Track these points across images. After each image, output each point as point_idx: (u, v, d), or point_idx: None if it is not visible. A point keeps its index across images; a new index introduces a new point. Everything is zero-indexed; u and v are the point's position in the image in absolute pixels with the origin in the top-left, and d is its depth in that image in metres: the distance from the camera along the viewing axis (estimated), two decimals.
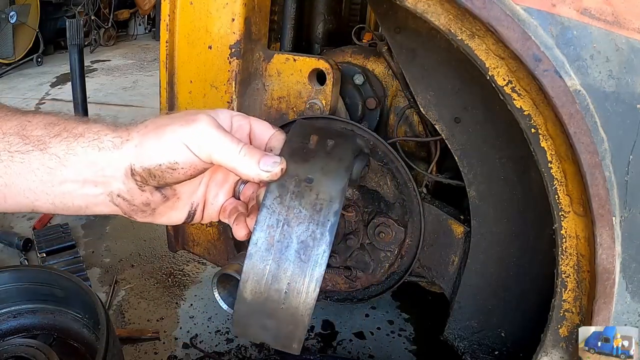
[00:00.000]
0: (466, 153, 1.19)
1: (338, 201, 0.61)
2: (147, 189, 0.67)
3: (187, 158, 0.63)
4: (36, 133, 0.66)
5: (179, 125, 0.63)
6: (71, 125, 0.66)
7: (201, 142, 0.63)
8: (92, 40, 6.75)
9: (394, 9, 1.16)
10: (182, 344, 1.76)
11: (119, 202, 0.68)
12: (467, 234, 1.26)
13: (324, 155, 0.66)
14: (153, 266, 2.21)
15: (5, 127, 0.66)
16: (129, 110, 4.46)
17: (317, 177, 0.63)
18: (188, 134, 0.63)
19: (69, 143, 0.65)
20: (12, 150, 0.65)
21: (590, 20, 0.76)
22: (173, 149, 0.63)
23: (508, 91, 0.84)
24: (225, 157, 0.63)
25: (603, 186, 0.78)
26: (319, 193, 0.62)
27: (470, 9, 0.78)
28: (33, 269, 1.28)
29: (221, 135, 0.63)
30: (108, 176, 0.66)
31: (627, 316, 0.85)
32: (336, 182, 0.63)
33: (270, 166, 0.62)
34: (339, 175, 0.63)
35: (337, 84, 1.31)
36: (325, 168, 0.64)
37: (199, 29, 1.28)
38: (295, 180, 0.63)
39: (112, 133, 0.66)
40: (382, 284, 1.41)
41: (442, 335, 1.33)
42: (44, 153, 0.65)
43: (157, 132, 0.64)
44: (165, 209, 0.71)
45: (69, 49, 2.43)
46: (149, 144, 0.64)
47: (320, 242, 0.60)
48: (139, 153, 0.64)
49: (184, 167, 0.64)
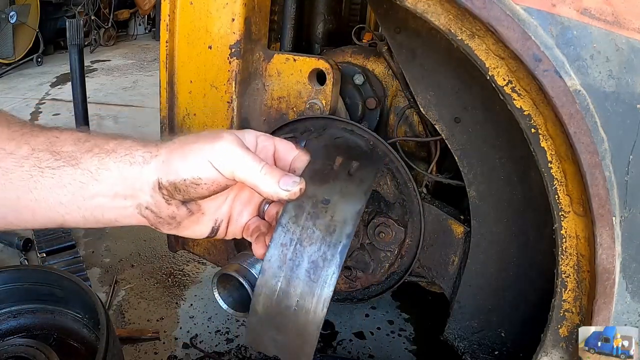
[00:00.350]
0: (466, 153, 1.19)
1: (352, 224, 0.63)
2: (173, 202, 0.69)
3: (210, 174, 0.66)
4: (67, 149, 0.69)
5: (203, 143, 0.66)
6: (102, 142, 0.70)
7: (224, 159, 0.65)
8: (92, 40, 6.75)
9: (394, 9, 1.16)
10: (182, 344, 1.76)
11: (147, 214, 0.70)
12: (467, 234, 1.26)
13: (344, 177, 0.68)
14: (153, 266, 2.21)
15: (34, 143, 0.69)
16: (129, 110, 4.46)
17: (335, 199, 0.65)
18: (212, 151, 0.65)
19: (100, 158, 0.68)
20: (43, 165, 0.68)
21: (590, 20, 0.76)
22: (197, 165, 0.66)
23: (508, 91, 0.84)
24: (247, 174, 0.65)
25: (603, 186, 0.78)
26: (334, 215, 0.64)
27: (470, 9, 0.78)
28: (33, 269, 1.28)
29: (244, 153, 0.66)
30: (137, 189, 0.68)
31: (627, 316, 0.85)
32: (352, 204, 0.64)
33: (289, 185, 0.64)
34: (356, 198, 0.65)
35: (337, 84, 1.31)
36: (343, 190, 0.66)
37: (199, 29, 1.28)
38: (312, 201, 0.65)
39: (143, 148, 0.69)
40: (382, 284, 1.41)
41: (442, 335, 1.33)
42: (75, 168, 0.68)
43: (183, 149, 0.67)
44: (190, 222, 0.74)
45: (69, 49, 2.43)
46: (175, 159, 0.67)
47: (331, 263, 0.62)
48: (165, 168, 0.67)
49: (207, 183, 0.66)
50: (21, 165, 0.68)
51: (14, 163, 0.68)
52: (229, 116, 1.33)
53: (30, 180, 0.68)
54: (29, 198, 0.68)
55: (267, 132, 1.35)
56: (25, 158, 0.68)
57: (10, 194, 0.68)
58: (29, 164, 0.68)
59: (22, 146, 0.68)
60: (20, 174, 0.67)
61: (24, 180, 0.68)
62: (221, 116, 1.34)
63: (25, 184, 0.68)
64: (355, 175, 0.68)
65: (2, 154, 0.68)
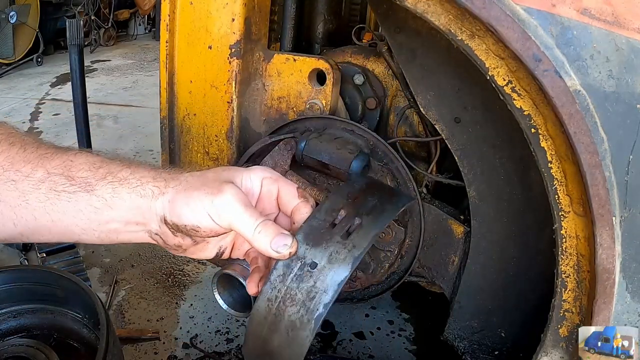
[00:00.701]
0: (466, 153, 1.19)
1: (331, 294, 0.65)
2: (178, 235, 0.73)
3: (208, 224, 0.69)
4: (81, 175, 0.72)
5: (204, 194, 0.69)
6: (115, 169, 0.73)
7: (222, 212, 0.68)
8: (92, 40, 6.76)
9: (394, 9, 1.16)
10: (182, 344, 1.76)
11: (156, 239, 0.75)
12: (467, 234, 1.26)
13: (339, 239, 0.68)
14: (153, 266, 2.21)
15: (50, 167, 0.73)
16: (129, 110, 4.46)
17: (322, 264, 0.66)
18: (212, 204, 0.68)
19: (114, 187, 0.72)
20: (59, 189, 0.72)
21: (590, 20, 0.76)
22: (197, 215, 0.69)
23: (508, 91, 0.84)
24: (243, 230, 0.68)
25: (603, 186, 0.78)
26: (316, 281, 0.66)
27: (470, 9, 0.78)
28: (33, 269, 1.28)
29: (241, 209, 0.68)
30: (147, 218, 0.72)
31: (627, 316, 0.85)
32: (337, 274, 0.66)
33: (280, 248, 0.67)
34: (342, 267, 0.66)
35: (337, 84, 1.31)
36: (333, 256, 0.67)
37: (199, 29, 1.28)
38: (300, 263, 0.67)
39: (153, 181, 0.72)
40: (382, 284, 1.41)
41: (442, 335, 1.33)
42: (90, 195, 0.72)
43: (186, 194, 0.70)
44: (196, 250, 0.77)
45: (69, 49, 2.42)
46: (178, 204, 0.70)
47: (306, 327, 0.65)
48: (170, 209, 0.70)
49: (205, 231, 0.70)
50: (38, 187, 0.71)
51: (31, 185, 0.71)
52: (229, 116, 1.33)
53: (47, 202, 0.71)
54: (46, 219, 0.72)
55: (267, 132, 1.36)
56: (42, 181, 0.72)
57: (28, 214, 0.72)
58: (45, 187, 0.71)
59: (38, 169, 0.72)
60: (37, 195, 0.71)
61: (41, 202, 0.71)
62: (221, 116, 1.34)
63: (42, 206, 0.72)
64: (351, 237, 0.68)
65: (19, 176, 0.72)
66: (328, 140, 1.23)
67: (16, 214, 0.72)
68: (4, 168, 0.72)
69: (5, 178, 0.71)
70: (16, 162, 0.72)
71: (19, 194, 0.71)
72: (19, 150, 0.74)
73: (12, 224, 0.73)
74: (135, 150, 3.51)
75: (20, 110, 4.32)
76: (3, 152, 0.73)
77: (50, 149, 0.75)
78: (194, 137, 1.40)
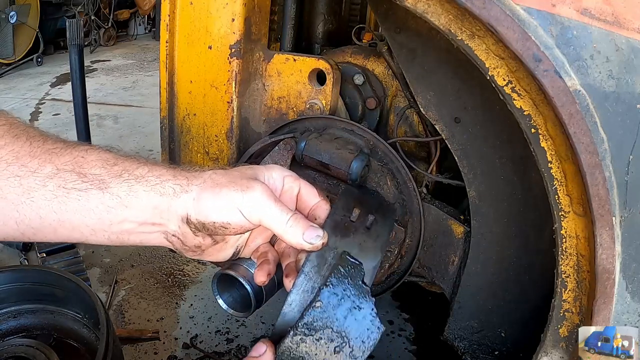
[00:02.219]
0: (466, 153, 1.19)
1: (369, 278, 0.68)
2: (199, 234, 0.71)
3: (238, 220, 0.68)
4: (94, 172, 0.68)
5: (234, 191, 0.68)
6: (131, 167, 0.70)
7: (253, 209, 0.68)
8: (92, 40, 6.76)
9: (394, 9, 1.16)
10: (182, 344, 1.76)
11: (173, 240, 0.72)
12: (467, 234, 1.26)
13: (363, 231, 0.73)
14: (153, 266, 2.21)
15: (59, 163, 0.67)
16: (129, 110, 4.46)
17: (354, 252, 0.69)
18: (243, 200, 0.68)
19: (130, 185, 0.68)
20: (69, 187, 0.67)
21: (590, 20, 0.76)
22: (227, 212, 0.68)
23: (508, 91, 0.84)
24: (274, 225, 0.68)
25: (603, 186, 0.78)
26: None
27: (470, 9, 0.78)
28: (33, 269, 1.28)
29: (272, 204, 0.68)
30: (165, 219, 0.70)
31: (627, 316, 0.85)
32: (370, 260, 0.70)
33: (313, 239, 0.67)
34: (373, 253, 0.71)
35: (337, 84, 1.31)
36: (362, 245, 0.71)
37: (199, 29, 1.28)
38: (333, 253, 0.69)
39: (173, 179, 0.70)
40: (382, 284, 1.41)
41: (442, 335, 1.33)
42: (104, 192, 0.67)
43: (214, 191, 0.69)
44: (214, 251, 0.76)
45: (69, 49, 2.43)
46: (206, 201, 0.68)
47: None
48: (196, 207, 0.68)
49: (235, 227, 0.69)
50: (44, 184, 0.66)
51: (37, 182, 0.66)
52: (229, 116, 1.33)
53: (54, 200, 0.66)
54: (52, 218, 0.67)
55: (267, 132, 1.36)
56: (50, 178, 0.66)
57: (32, 213, 0.67)
58: (53, 184, 0.66)
59: (46, 165, 0.67)
60: (43, 193, 0.66)
61: (48, 200, 0.66)
62: (221, 116, 1.34)
63: (48, 204, 0.66)
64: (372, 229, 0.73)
65: (24, 172, 0.66)
66: (328, 140, 1.23)
67: (19, 212, 0.66)
68: (7, 162, 0.66)
69: (9, 173, 0.65)
70: (21, 156, 0.66)
71: (23, 191, 0.66)
72: (24, 143, 0.68)
73: (14, 222, 0.67)
74: (135, 150, 3.51)
75: (20, 110, 4.32)
76: (7, 145, 0.67)
77: (58, 143, 0.70)
78: (194, 137, 1.40)
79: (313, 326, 0.63)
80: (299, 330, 0.63)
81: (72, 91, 2.49)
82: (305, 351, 0.63)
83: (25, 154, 0.67)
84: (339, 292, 0.65)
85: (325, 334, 0.63)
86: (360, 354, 0.64)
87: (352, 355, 0.64)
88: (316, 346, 0.63)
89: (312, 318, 0.63)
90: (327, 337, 0.63)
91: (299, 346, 0.63)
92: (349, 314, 0.65)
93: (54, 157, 0.68)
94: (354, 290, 0.66)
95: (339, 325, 0.64)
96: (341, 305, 0.64)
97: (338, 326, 0.64)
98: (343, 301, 0.65)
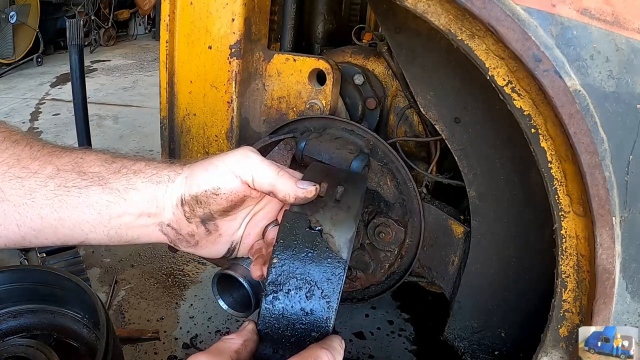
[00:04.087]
0: (466, 153, 1.19)
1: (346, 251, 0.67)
2: (193, 221, 0.72)
3: (228, 183, 0.69)
4: (93, 170, 0.70)
5: (224, 155, 0.71)
6: (129, 163, 0.72)
7: (243, 165, 0.69)
8: (92, 40, 6.76)
9: (394, 9, 1.16)
10: (182, 344, 1.76)
11: (168, 231, 0.74)
12: (467, 234, 1.26)
13: (333, 204, 0.70)
14: (153, 266, 2.21)
15: (59, 163, 0.70)
16: (129, 110, 4.46)
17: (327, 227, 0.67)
18: (232, 159, 0.70)
19: (128, 179, 0.70)
20: (69, 185, 0.69)
21: (590, 20, 0.76)
22: (217, 175, 0.70)
23: (508, 91, 0.84)
24: (266, 178, 0.69)
25: (603, 186, 0.78)
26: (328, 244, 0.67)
27: (470, 9, 0.78)
28: (33, 269, 1.28)
29: (260, 160, 0.71)
30: (161, 207, 0.71)
31: (627, 316, 0.85)
32: (344, 232, 0.68)
33: (306, 184, 0.69)
34: (347, 225, 0.68)
35: (337, 84, 1.31)
36: (334, 218, 0.69)
37: (199, 29, 1.28)
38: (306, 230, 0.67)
39: (168, 168, 0.72)
40: (382, 284, 1.41)
41: (442, 335, 1.33)
42: (103, 188, 0.70)
43: (204, 163, 0.71)
44: (208, 243, 0.77)
45: (69, 49, 2.42)
46: (197, 173, 0.70)
47: None
48: (188, 183, 0.70)
49: (226, 192, 0.70)
50: (45, 184, 0.68)
51: (38, 182, 0.68)
52: (229, 116, 1.33)
53: (55, 199, 0.68)
54: (53, 217, 0.69)
55: (267, 132, 1.36)
56: (51, 178, 0.68)
57: (33, 213, 0.68)
58: (54, 184, 0.68)
59: (47, 166, 0.69)
60: (44, 192, 0.68)
61: (49, 200, 0.68)
62: (221, 116, 1.34)
63: (49, 203, 0.68)
64: (342, 201, 0.71)
65: (25, 173, 0.68)
66: (328, 140, 1.23)
67: (20, 214, 0.68)
68: (9, 165, 0.68)
69: (11, 175, 0.67)
70: (22, 158, 0.69)
71: (25, 192, 0.67)
72: (25, 147, 0.70)
73: (15, 225, 0.69)
74: (135, 150, 3.51)
75: (20, 110, 4.32)
76: (7, 149, 0.69)
77: (57, 147, 0.73)
78: (194, 137, 1.40)
79: (278, 281, 0.64)
80: (268, 290, 0.64)
81: (72, 91, 2.49)
82: (282, 307, 0.64)
83: (26, 157, 0.69)
84: (290, 244, 0.65)
85: (292, 284, 0.64)
86: (331, 292, 0.64)
87: (324, 295, 0.64)
88: (288, 298, 0.64)
89: (274, 275, 0.64)
90: (294, 286, 0.64)
91: (274, 305, 0.64)
92: (306, 259, 0.65)
93: (54, 159, 0.70)
94: (304, 238, 0.66)
95: (300, 273, 0.64)
96: (296, 254, 0.65)
97: (300, 273, 0.64)
98: (297, 251, 0.65)
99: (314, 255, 0.65)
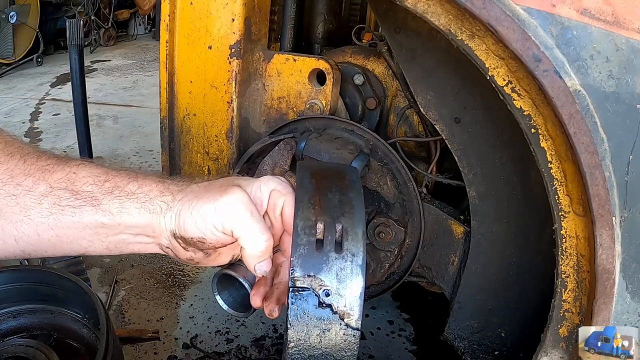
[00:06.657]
0: (466, 153, 1.19)
1: (357, 310, 0.64)
2: (190, 249, 0.71)
3: (213, 234, 0.68)
4: (86, 189, 0.70)
5: (207, 202, 0.68)
6: (122, 182, 0.71)
7: (226, 218, 0.67)
8: (92, 40, 6.76)
9: (394, 9, 1.16)
10: (182, 344, 1.76)
11: (167, 252, 0.73)
12: (467, 234, 1.26)
13: (335, 254, 0.65)
14: (153, 266, 2.21)
15: (52, 180, 0.69)
16: (129, 110, 4.46)
17: (334, 287, 0.64)
18: (215, 210, 0.67)
19: (121, 202, 0.69)
20: (63, 204, 0.68)
21: (590, 21, 0.76)
22: (200, 226, 0.67)
23: (508, 91, 0.84)
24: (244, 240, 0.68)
25: (603, 186, 0.78)
26: (338, 306, 0.64)
27: (470, 9, 0.78)
28: (33, 269, 1.28)
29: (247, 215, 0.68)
30: (157, 233, 0.71)
31: (627, 316, 0.85)
32: (353, 288, 0.64)
33: (264, 267, 0.70)
34: (355, 280, 0.64)
35: (337, 84, 1.31)
36: (339, 274, 0.64)
37: (199, 29, 1.28)
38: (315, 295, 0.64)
39: (160, 196, 0.70)
40: (382, 284, 1.41)
41: (442, 335, 1.33)
42: (96, 209, 0.69)
43: (190, 205, 0.69)
44: (209, 261, 0.76)
45: (69, 49, 2.42)
46: (184, 217, 0.69)
47: None
48: (177, 223, 0.69)
49: (211, 241, 0.69)
50: (40, 202, 0.68)
51: (32, 200, 0.68)
52: (229, 116, 1.33)
53: (50, 217, 0.68)
54: (50, 234, 0.69)
55: (267, 132, 1.36)
56: (44, 196, 0.68)
57: (30, 230, 0.69)
58: (48, 202, 0.68)
59: (40, 183, 0.68)
60: (39, 210, 0.68)
61: (44, 217, 0.68)
62: (221, 116, 1.34)
63: (45, 221, 0.68)
64: (345, 247, 0.65)
65: (19, 191, 0.68)
66: (328, 140, 1.23)
67: (17, 230, 0.68)
68: (3, 181, 0.68)
69: (5, 192, 0.67)
70: (16, 174, 0.68)
71: (20, 209, 0.67)
72: (19, 161, 0.69)
73: (14, 240, 0.69)
74: (135, 150, 3.51)
75: (20, 110, 4.32)
76: (1, 164, 0.69)
77: (51, 160, 0.72)
78: (194, 137, 1.40)
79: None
80: None
81: (72, 91, 2.49)
82: None
83: (19, 173, 0.69)
84: (303, 325, 0.64)
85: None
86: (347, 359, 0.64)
87: None
88: None
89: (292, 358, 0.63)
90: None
91: None
92: (322, 335, 0.64)
93: (47, 175, 0.69)
94: (314, 314, 0.64)
95: (318, 355, 0.64)
96: (310, 332, 0.64)
97: (318, 355, 0.64)
98: (308, 329, 0.64)
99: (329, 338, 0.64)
